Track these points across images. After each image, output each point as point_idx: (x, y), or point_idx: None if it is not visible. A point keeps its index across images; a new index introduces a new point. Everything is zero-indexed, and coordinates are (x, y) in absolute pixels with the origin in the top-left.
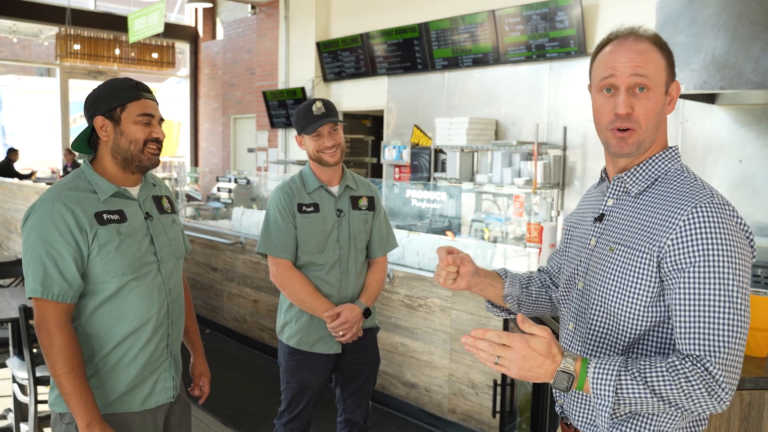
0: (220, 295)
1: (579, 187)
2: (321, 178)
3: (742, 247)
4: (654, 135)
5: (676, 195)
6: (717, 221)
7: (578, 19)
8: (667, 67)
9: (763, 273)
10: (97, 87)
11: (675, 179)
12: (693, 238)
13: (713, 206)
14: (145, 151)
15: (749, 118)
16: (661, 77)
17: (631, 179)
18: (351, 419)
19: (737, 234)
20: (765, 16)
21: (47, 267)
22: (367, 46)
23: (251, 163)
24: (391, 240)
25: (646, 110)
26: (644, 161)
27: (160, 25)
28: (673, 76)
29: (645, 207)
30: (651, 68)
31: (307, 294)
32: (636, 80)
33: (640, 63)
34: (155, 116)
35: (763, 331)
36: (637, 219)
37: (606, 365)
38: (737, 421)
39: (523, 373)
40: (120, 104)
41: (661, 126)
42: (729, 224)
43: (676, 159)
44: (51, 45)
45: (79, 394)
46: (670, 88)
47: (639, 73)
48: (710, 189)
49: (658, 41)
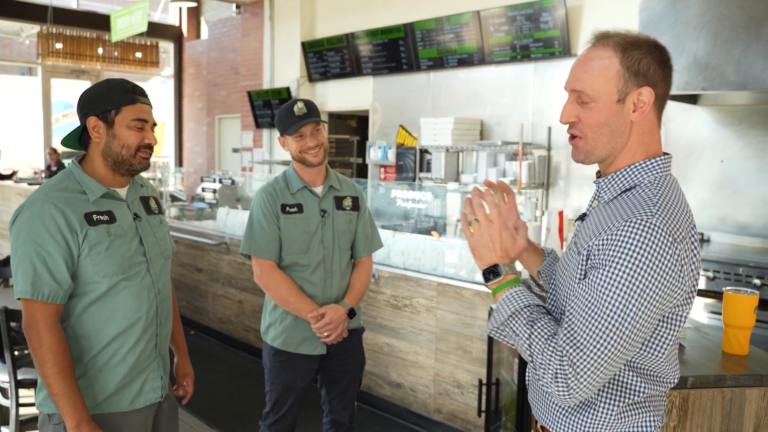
0: (205, 296)
1: (563, 187)
2: (304, 178)
3: (658, 272)
4: (609, 145)
5: (627, 207)
6: (641, 239)
7: (562, 20)
8: (623, 75)
9: (744, 272)
10: (93, 86)
11: (641, 191)
12: (613, 246)
13: (646, 225)
14: (136, 156)
15: (731, 118)
16: (608, 86)
17: (605, 186)
18: (337, 420)
19: (660, 258)
20: (745, 19)
21: (37, 268)
22: (352, 46)
23: (236, 163)
24: (376, 240)
25: (588, 120)
26: (622, 169)
27: (144, 24)
28: (643, 82)
29: (607, 215)
30: (592, 78)
31: (291, 295)
32: (573, 94)
33: (579, 74)
34: (149, 121)
35: (744, 329)
36: (597, 224)
37: (521, 295)
38: (719, 418)
39: (477, 246)
40: (115, 107)
41: (630, 134)
42: (653, 246)
43: (655, 170)
44: (32, 44)
45: (68, 394)
46: (633, 95)
47: (575, 88)
48: (661, 207)
49: (625, 46)
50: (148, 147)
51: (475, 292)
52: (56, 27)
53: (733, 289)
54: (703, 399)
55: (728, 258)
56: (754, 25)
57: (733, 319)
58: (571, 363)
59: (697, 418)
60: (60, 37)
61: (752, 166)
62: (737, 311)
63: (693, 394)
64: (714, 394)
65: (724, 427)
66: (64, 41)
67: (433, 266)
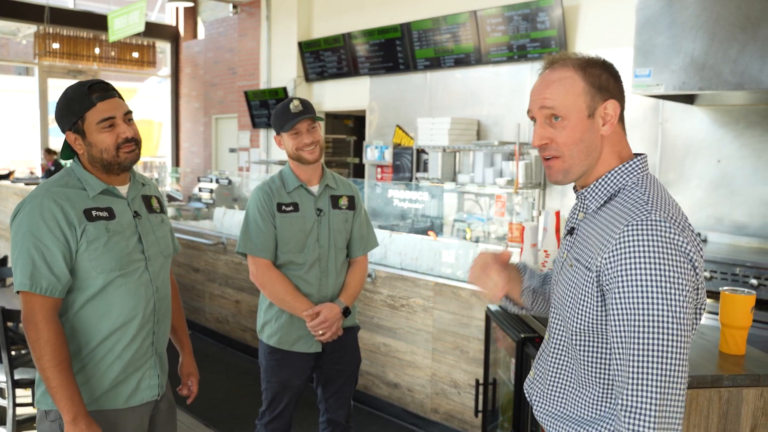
0: (202, 296)
1: (560, 187)
2: (301, 177)
3: (674, 265)
4: (585, 160)
5: (620, 212)
6: (646, 239)
7: (559, 20)
8: (589, 90)
9: (741, 272)
10: (58, 101)
11: (628, 194)
12: (622, 256)
13: (647, 223)
14: (120, 154)
15: (727, 118)
16: (577, 103)
17: (589, 195)
18: (333, 419)
19: (670, 251)
20: (742, 19)
21: (36, 261)
22: (349, 46)
23: (233, 163)
24: (371, 239)
25: (564, 138)
26: (600, 178)
27: (141, 24)
28: (606, 96)
29: (599, 223)
30: (560, 96)
31: (286, 293)
32: (545, 112)
33: (547, 94)
34: (117, 116)
35: (741, 329)
36: (592, 236)
37: None
38: (715, 418)
39: None
40: (78, 117)
41: (603, 147)
42: (661, 241)
43: (636, 172)
44: (29, 44)
45: (65, 388)
46: (600, 109)
47: (545, 105)
48: (654, 203)
49: (583, 65)
50: (127, 141)
51: (472, 292)
52: (53, 27)
53: (730, 289)
54: (700, 399)
55: (725, 258)
56: (750, 25)
57: (730, 319)
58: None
59: (693, 418)
60: (57, 37)
61: (749, 165)
62: (734, 311)
63: (690, 394)
64: (711, 394)
65: (721, 427)
66: (61, 41)
67: (430, 266)
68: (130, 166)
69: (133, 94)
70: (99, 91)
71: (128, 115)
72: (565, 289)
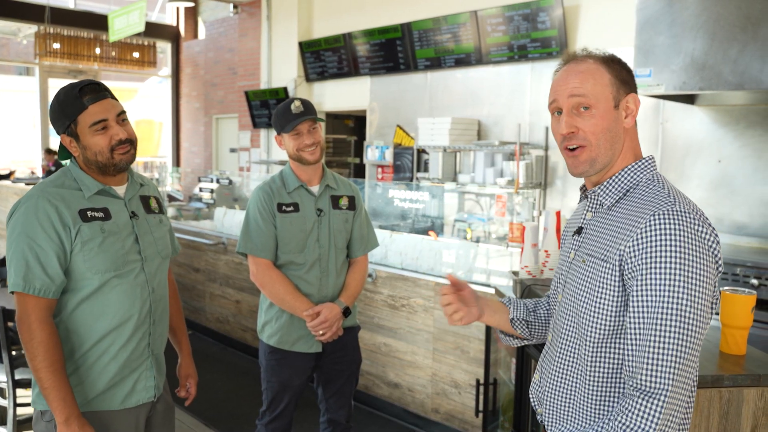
0: (202, 296)
1: (561, 187)
2: (301, 177)
3: (699, 256)
4: (610, 150)
5: (640, 204)
6: (673, 228)
7: (560, 20)
8: (614, 82)
9: (741, 272)
10: (51, 103)
11: (644, 189)
12: (648, 243)
13: (673, 213)
14: (114, 156)
15: (728, 118)
16: (605, 93)
17: (603, 192)
18: (333, 419)
19: (696, 242)
20: (742, 19)
21: (29, 262)
22: (349, 46)
23: (233, 163)
24: (371, 239)
25: (592, 126)
26: (616, 174)
27: (141, 24)
28: (628, 89)
29: (615, 218)
30: (590, 86)
31: (287, 293)
32: (574, 101)
33: (577, 83)
34: (109, 117)
35: (741, 329)
36: (608, 230)
37: None
38: (716, 418)
39: None
40: (71, 120)
41: (624, 140)
42: (687, 232)
43: (648, 169)
44: (30, 44)
45: (58, 389)
46: (623, 101)
47: (575, 93)
48: (676, 196)
49: (606, 60)
50: (121, 142)
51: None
52: (53, 27)
53: (731, 289)
54: (701, 399)
55: (725, 258)
56: (750, 25)
57: (730, 319)
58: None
59: (694, 419)
60: (57, 37)
61: (749, 165)
62: (735, 311)
63: None
64: (711, 394)
65: (722, 427)
66: (61, 41)
67: (430, 266)
68: (125, 167)
69: (134, 94)
70: (90, 93)
71: (122, 115)
72: (579, 286)
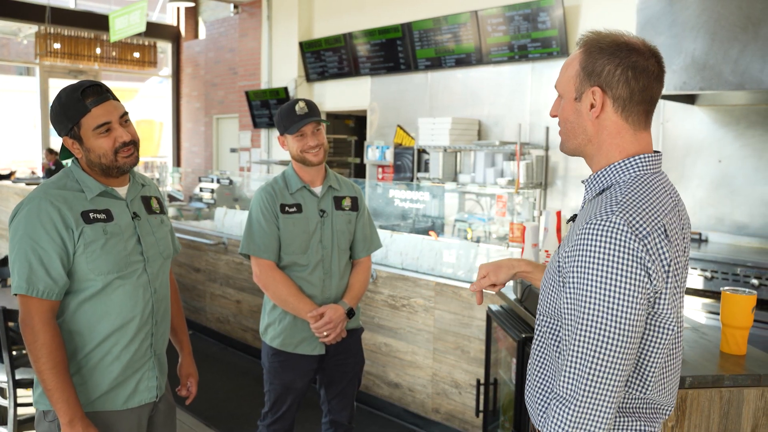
0: (203, 296)
1: (561, 187)
2: (304, 178)
3: (621, 270)
4: (574, 140)
5: (595, 209)
6: (597, 242)
7: (560, 20)
8: (579, 74)
9: (742, 272)
10: (52, 105)
11: (614, 191)
12: (574, 253)
13: (604, 225)
14: (118, 158)
15: (728, 118)
16: (569, 84)
17: (587, 187)
18: (336, 420)
19: (619, 256)
20: (743, 18)
21: (33, 264)
22: (350, 46)
23: (234, 163)
24: (375, 240)
25: (560, 115)
26: (602, 169)
27: (142, 24)
28: (592, 82)
29: (583, 216)
30: (561, 77)
31: (290, 295)
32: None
33: (560, 73)
34: (113, 120)
35: (742, 329)
36: (576, 225)
37: None
38: (716, 418)
39: None
40: (74, 123)
41: (598, 133)
42: (611, 245)
43: (633, 170)
44: (30, 44)
45: (61, 390)
46: (586, 94)
47: (555, 84)
48: (625, 206)
49: (587, 48)
50: (125, 144)
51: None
52: (54, 27)
53: (731, 289)
54: (701, 399)
55: (726, 258)
56: (751, 25)
57: (731, 319)
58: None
59: (695, 419)
60: (58, 37)
61: (750, 165)
62: (735, 311)
63: (691, 394)
64: (712, 394)
65: (722, 427)
66: (62, 41)
67: (430, 266)
68: (129, 169)
69: (134, 94)
70: (93, 96)
71: (124, 117)
72: (546, 274)
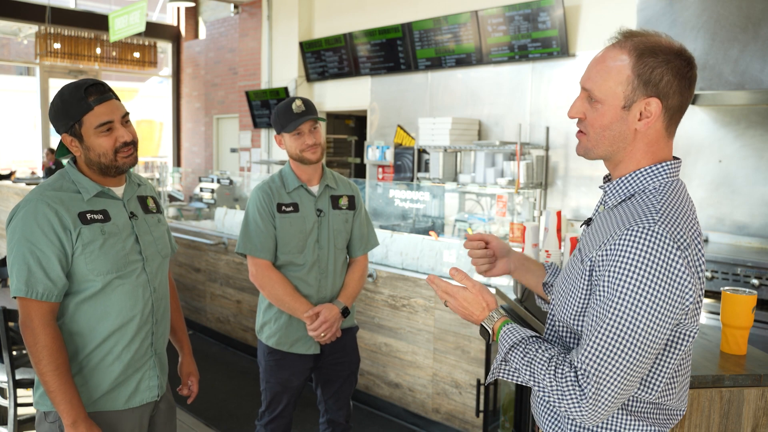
0: (203, 296)
1: (561, 187)
2: (301, 177)
3: (661, 282)
4: (609, 148)
5: (629, 214)
6: (644, 248)
7: (560, 20)
8: (632, 81)
9: (742, 272)
10: (52, 101)
11: (645, 198)
12: (613, 258)
13: (645, 233)
14: (118, 158)
15: (729, 118)
16: (615, 91)
17: (610, 191)
18: (333, 420)
19: (662, 267)
20: (743, 19)
21: (31, 266)
22: (350, 46)
23: (234, 163)
24: (371, 239)
25: (592, 120)
26: (626, 175)
27: (142, 24)
28: (649, 92)
29: (610, 221)
30: (601, 80)
31: (286, 294)
32: (584, 91)
33: (591, 74)
34: (115, 119)
35: (742, 329)
36: (600, 230)
37: (510, 333)
38: (717, 418)
39: (463, 316)
40: (75, 121)
41: (635, 141)
42: (654, 255)
43: (662, 176)
44: (30, 44)
45: (64, 391)
46: (639, 104)
47: (584, 86)
48: (664, 215)
49: (643, 51)
50: (125, 145)
51: None
52: (54, 27)
53: (731, 289)
54: (701, 399)
55: (726, 258)
56: (751, 25)
57: (731, 319)
58: (594, 381)
59: (695, 418)
60: (58, 37)
61: (750, 165)
62: (735, 311)
63: (691, 394)
64: (712, 394)
65: (722, 427)
66: (62, 41)
67: (431, 266)
68: (127, 169)
69: (134, 94)
70: (96, 94)
71: (126, 117)
72: (564, 278)
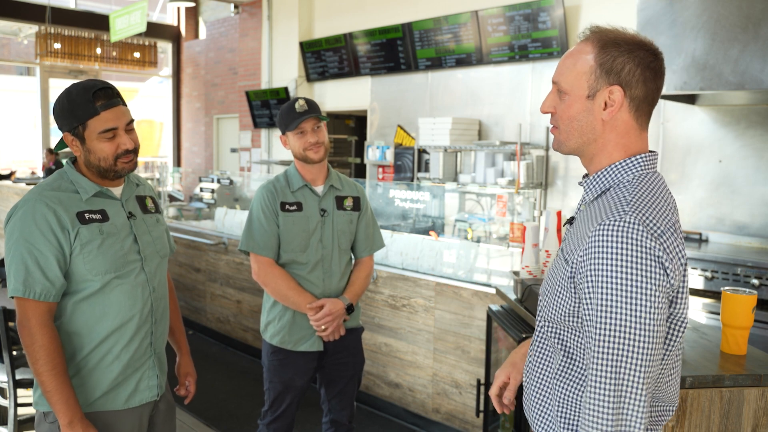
0: (203, 296)
1: (561, 187)
2: (305, 177)
3: (642, 270)
4: (579, 139)
5: (604, 208)
6: (614, 242)
7: (560, 20)
8: (595, 71)
9: (742, 272)
10: (59, 98)
11: (619, 191)
12: (591, 257)
13: (618, 225)
14: (117, 164)
15: (729, 118)
16: (579, 81)
17: (587, 187)
18: (336, 420)
19: (638, 255)
20: (743, 19)
21: (29, 266)
22: (350, 46)
23: (234, 163)
24: (377, 240)
25: (561, 112)
26: (602, 169)
27: (143, 24)
28: (611, 81)
29: (588, 217)
30: (566, 72)
31: (289, 289)
32: (554, 86)
33: (560, 67)
34: (119, 126)
35: (742, 329)
36: (580, 229)
37: None
38: (717, 418)
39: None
40: (80, 123)
41: (605, 133)
42: (629, 245)
43: (635, 169)
44: (31, 44)
45: (60, 392)
46: (602, 92)
47: (554, 79)
48: (636, 205)
49: (602, 43)
50: (127, 152)
51: (473, 292)
52: (54, 27)
53: (732, 289)
54: (702, 399)
55: (726, 258)
56: (751, 25)
57: (731, 319)
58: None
59: (695, 418)
60: (58, 37)
61: (750, 165)
62: (735, 311)
63: (691, 394)
64: (712, 394)
65: (723, 427)
66: (62, 41)
67: (431, 266)
68: (126, 174)
69: (135, 94)
70: (104, 99)
71: (130, 124)
72: (548, 280)
